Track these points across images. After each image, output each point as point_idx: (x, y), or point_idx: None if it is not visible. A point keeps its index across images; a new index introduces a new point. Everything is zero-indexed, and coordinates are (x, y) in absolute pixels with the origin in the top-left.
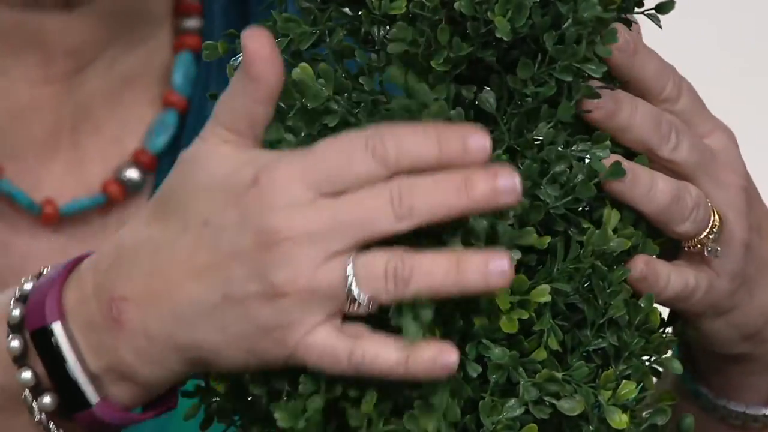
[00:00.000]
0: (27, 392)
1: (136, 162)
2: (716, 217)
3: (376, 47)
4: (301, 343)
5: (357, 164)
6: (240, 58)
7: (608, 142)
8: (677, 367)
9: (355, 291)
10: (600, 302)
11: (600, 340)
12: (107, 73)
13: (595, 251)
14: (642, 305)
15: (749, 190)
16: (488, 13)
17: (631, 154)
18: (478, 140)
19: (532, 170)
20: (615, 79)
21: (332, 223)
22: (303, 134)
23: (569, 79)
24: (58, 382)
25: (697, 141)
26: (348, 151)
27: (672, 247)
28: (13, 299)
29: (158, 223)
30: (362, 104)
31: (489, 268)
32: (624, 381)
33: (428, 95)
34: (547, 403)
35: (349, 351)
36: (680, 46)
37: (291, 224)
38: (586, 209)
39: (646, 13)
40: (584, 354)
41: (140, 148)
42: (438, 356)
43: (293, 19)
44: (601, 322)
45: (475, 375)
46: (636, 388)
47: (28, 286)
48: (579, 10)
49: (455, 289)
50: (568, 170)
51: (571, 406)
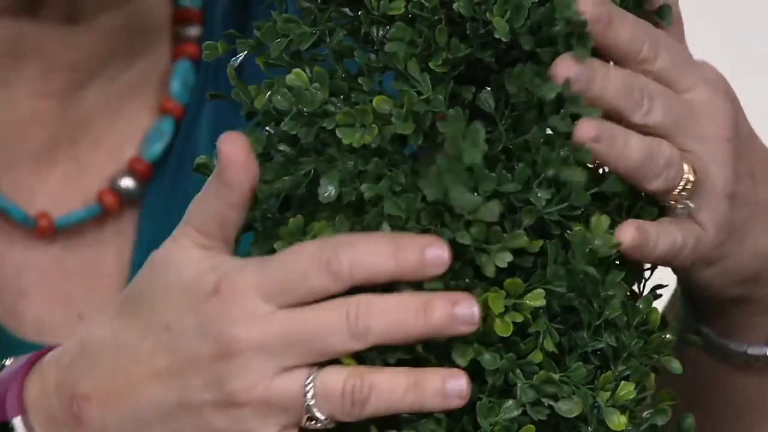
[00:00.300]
0: None
1: (131, 170)
2: (692, 173)
3: (376, 48)
4: None
5: (311, 278)
6: (240, 59)
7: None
8: (676, 367)
9: (314, 409)
10: (595, 305)
11: (597, 341)
12: (107, 86)
13: (584, 253)
14: (640, 306)
15: (736, 139)
16: (487, 14)
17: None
18: (435, 251)
19: (524, 174)
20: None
21: (286, 338)
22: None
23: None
24: None
25: (673, 101)
26: (303, 264)
27: None
28: None
29: (123, 321)
30: (358, 105)
31: (447, 389)
32: (623, 382)
33: (428, 84)
34: (545, 405)
35: None
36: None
37: (247, 336)
38: (582, 211)
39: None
40: (582, 355)
41: (136, 156)
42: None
43: (293, 19)
44: (597, 323)
45: None
46: (635, 389)
47: None
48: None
49: (412, 408)
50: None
51: (568, 407)
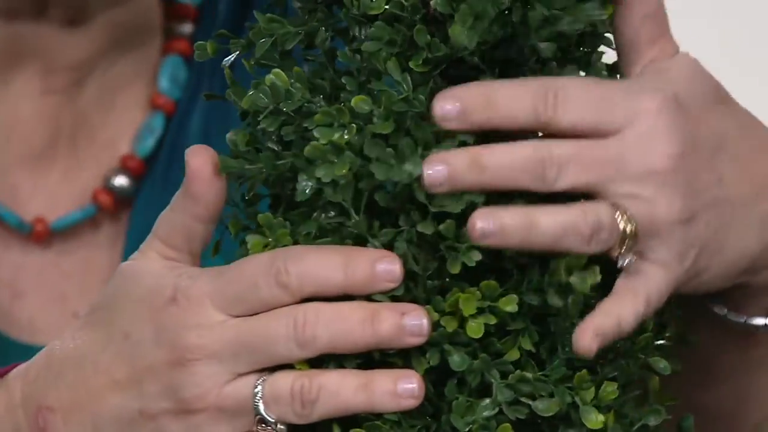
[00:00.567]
0: None
1: (124, 168)
2: (631, 223)
3: (359, 47)
4: None
5: (262, 289)
6: (232, 58)
7: None
8: (664, 367)
9: (263, 412)
10: (574, 311)
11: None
12: (102, 78)
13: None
14: None
15: (685, 157)
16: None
17: None
18: (386, 266)
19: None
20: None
21: (236, 345)
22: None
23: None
24: None
25: (590, 157)
26: (253, 276)
27: None
28: None
29: (86, 333)
30: (344, 104)
31: (398, 390)
32: (606, 382)
33: (408, 84)
34: (523, 404)
35: None
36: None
37: (200, 343)
38: None
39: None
40: (567, 359)
41: (128, 153)
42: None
43: (277, 19)
44: (571, 333)
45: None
46: (617, 388)
47: None
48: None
49: (364, 409)
50: None
51: (545, 406)
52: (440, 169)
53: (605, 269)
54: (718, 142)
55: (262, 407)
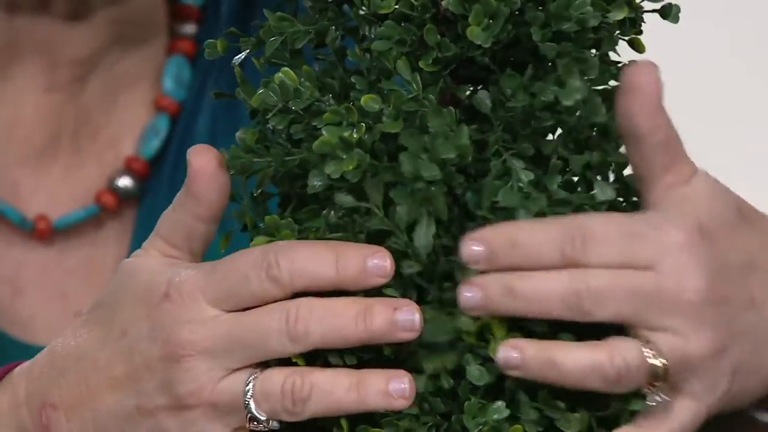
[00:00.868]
0: None
1: (128, 169)
2: (661, 359)
3: (368, 46)
4: None
5: (253, 283)
6: (242, 57)
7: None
8: None
9: (253, 408)
10: None
11: None
12: (105, 75)
13: None
14: None
15: (715, 287)
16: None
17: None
18: (377, 261)
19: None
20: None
21: (229, 341)
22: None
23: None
24: None
25: (627, 290)
26: (245, 270)
27: None
28: None
29: (87, 331)
30: (353, 103)
31: (389, 389)
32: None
33: (418, 83)
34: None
35: None
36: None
37: (192, 339)
38: None
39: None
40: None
41: (133, 155)
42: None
43: (287, 18)
44: None
45: (447, 386)
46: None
47: None
48: (570, 7)
49: (356, 408)
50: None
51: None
52: (475, 293)
53: None
54: (747, 262)
55: (252, 404)
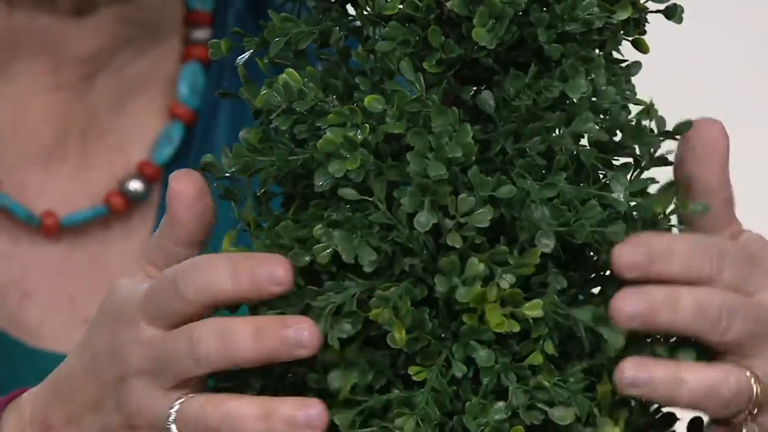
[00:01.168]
0: None
1: (140, 173)
2: (759, 385)
3: (372, 47)
4: None
5: (170, 302)
6: (245, 57)
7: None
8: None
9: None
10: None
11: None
12: (114, 77)
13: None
14: None
15: None
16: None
17: None
18: (269, 269)
19: (517, 196)
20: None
21: (156, 361)
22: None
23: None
24: None
25: (751, 311)
26: (164, 289)
27: None
28: None
29: (77, 351)
30: (356, 104)
31: (297, 418)
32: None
33: (421, 84)
34: (540, 409)
35: None
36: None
37: (132, 359)
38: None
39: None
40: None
41: (145, 159)
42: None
43: (291, 18)
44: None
45: (460, 375)
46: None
47: None
48: (577, 8)
49: None
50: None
51: (562, 414)
52: (638, 303)
53: None
54: None
55: (173, 429)
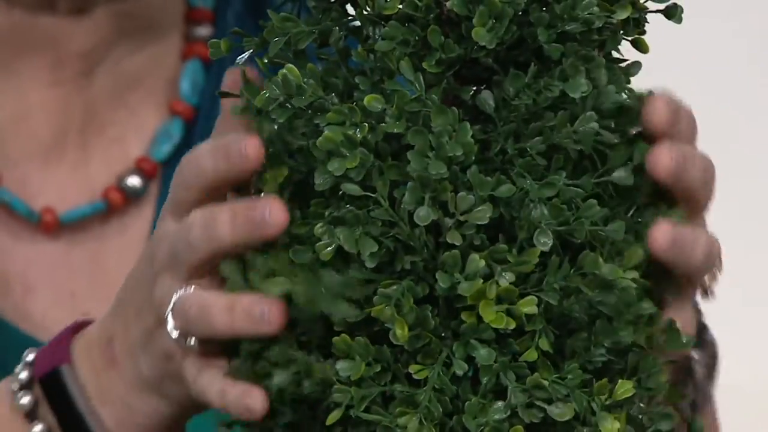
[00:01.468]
0: None
1: (138, 169)
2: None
3: (372, 46)
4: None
5: (182, 194)
6: (245, 57)
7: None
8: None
9: (169, 319)
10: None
11: (597, 350)
12: (112, 72)
13: (586, 274)
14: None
15: None
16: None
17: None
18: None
19: (516, 195)
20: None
21: (171, 252)
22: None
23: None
24: (68, 430)
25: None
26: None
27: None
28: (18, 368)
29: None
30: (356, 103)
31: (253, 311)
32: (620, 381)
33: (421, 84)
34: (538, 407)
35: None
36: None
37: (158, 252)
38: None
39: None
40: (582, 365)
41: (143, 155)
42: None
43: (290, 18)
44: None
45: (461, 373)
46: (632, 386)
47: (30, 356)
48: (577, 8)
49: (229, 329)
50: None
51: (560, 411)
52: (671, 158)
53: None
54: None
55: (168, 315)
